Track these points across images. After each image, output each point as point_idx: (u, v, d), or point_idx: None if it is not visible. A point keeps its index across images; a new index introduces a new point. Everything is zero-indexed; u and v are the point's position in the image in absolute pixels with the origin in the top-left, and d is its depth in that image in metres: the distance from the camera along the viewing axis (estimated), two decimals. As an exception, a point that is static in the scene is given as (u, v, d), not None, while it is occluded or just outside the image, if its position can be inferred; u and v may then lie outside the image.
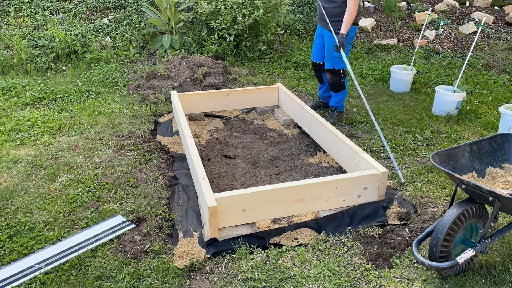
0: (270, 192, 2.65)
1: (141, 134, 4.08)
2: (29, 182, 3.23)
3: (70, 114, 4.53)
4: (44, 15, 7.20)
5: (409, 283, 2.26)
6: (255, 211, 2.65)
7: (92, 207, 2.92)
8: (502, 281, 2.23)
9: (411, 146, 3.82)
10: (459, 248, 2.27)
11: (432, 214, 2.83)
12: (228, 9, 6.08)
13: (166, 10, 6.68)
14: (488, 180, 2.51)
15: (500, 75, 5.73)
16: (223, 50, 6.43)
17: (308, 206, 2.78)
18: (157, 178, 3.33)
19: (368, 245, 2.55)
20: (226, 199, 2.55)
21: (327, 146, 3.67)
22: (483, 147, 2.57)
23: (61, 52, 6.35)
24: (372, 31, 7.41)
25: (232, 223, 2.63)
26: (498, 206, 2.12)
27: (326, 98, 4.68)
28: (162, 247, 2.54)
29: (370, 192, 2.87)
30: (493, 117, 4.47)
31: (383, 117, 4.48)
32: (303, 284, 2.25)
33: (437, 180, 3.25)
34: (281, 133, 4.24)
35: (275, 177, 3.36)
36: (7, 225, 2.72)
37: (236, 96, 4.65)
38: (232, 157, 3.71)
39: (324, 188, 2.76)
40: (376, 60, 6.53)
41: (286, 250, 2.51)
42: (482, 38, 6.72)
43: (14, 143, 3.86)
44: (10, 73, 5.89)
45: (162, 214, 2.87)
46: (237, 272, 2.34)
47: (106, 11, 7.66)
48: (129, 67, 6.28)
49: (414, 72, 5.36)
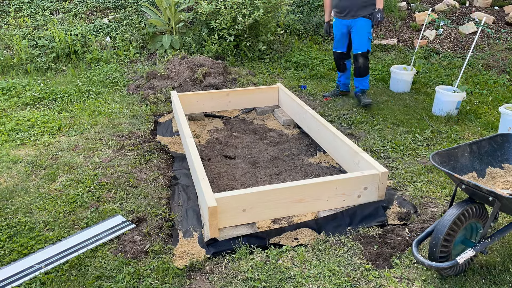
0: (270, 192, 2.65)
1: (141, 134, 4.08)
2: (29, 182, 3.23)
3: (70, 114, 4.54)
4: (44, 15, 7.20)
5: (409, 283, 2.26)
6: (256, 211, 2.66)
7: (92, 207, 2.92)
8: (502, 281, 2.23)
9: (411, 146, 3.82)
10: (459, 248, 2.27)
11: (432, 214, 2.83)
12: (228, 9, 6.08)
13: (166, 10, 6.68)
14: (488, 180, 2.51)
15: (500, 75, 5.74)
16: (223, 50, 6.43)
17: (308, 206, 2.78)
18: (157, 178, 3.33)
19: (368, 245, 2.55)
20: (226, 199, 2.55)
21: (327, 146, 3.67)
22: (483, 147, 2.57)
23: (61, 52, 6.35)
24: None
25: (233, 223, 2.63)
26: (498, 206, 2.12)
27: (346, 86, 5.17)
28: (162, 247, 2.54)
29: (370, 192, 2.88)
30: (493, 117, 4.47)
31: (383, 117, 4.48)
32: (303, 284, 2.25)
33: (437, 180, 3.25)
34: (281, 133, 4.24)
35: (275, 177, 3.36)
36: (7, 225, 2.72)
37: (236, 96, 4.65)
38: (232, 157, 3.71)
39: (324, 188, 2.76)
40: (376, 60, 6.53)
41: (286, 250, 2.51)
42: (482, 38, 6.72)
43: (14, 143, 3.86)
44: (10, 73, 5.89)
45: (162, 214, 2.87)
46: (237, 272, 2.34)
47: (106, 11, 7.66)
48: (129, 67, 6.29)
49: (414, 72, 5.36)
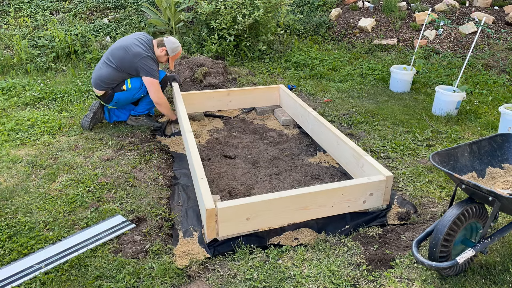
0: (274, 200, 2.57)
1: (141, 134, 4.08)
2: (29, 182, 3.23)
3: (70, 114, 4.53)
4: (44, 15, 7.20)
5: (409, 283, 2.26)
6: (260, 220, 2.57)
7: (92, 207, 2.92)
8: (502, 281, 2.23)
9: (411, 146, 3.82)
10: (459, 248, 2.27)
11: (432, 214, 2.83)
12: (228, 9, 6.08)
13: (166, 10, 6.68)
14: (488, 180, 2.51)
15: (500, 75, 5.74)
16: (223, 50, 6.43)
17: (312, 213, 2.71)
18: (157, 178, 3.33)
19: (368, 245, 2.55)
20: (231, 208, 2.46)
21: (330, 148, 3.64)
22: (483, 147, 2.57)
23: (61, 52, 6.35)
24: (372, 31, 7.41)
25: (236, 231, 2.55)
26: (498, 206, 2.12)
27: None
28: (162, 247, 2.54)
29: (376, 198, 2.83)
30: (493, 117, 4.47)
31: (383, 117, 4.48)
32: (303, 284, 2.25)
33: (437, 180, 3.25)
34: (281, 133, 4.24)
35: (275, 177, 3.36)
36: (7, 225, 2.72)
37: (237, 96, 4.65)
38: (232, 157, 3.71)
39: (330, 196, 2.69)
40: (376, 60, 6.53)
41: (286, 250, 2.51)
42: (482, 38, 6.72)
43: (14, 143, 3.86)
44: (10, 73, 5.88)
45: (162, 214, 2.87)
46: (237, 272, 2.34)
47: (106, 11, 7.66)
48: (129, 67, 6.28)
49: (414, 72, 5.36)
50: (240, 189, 3.16)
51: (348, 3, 8.22)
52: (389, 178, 2.81)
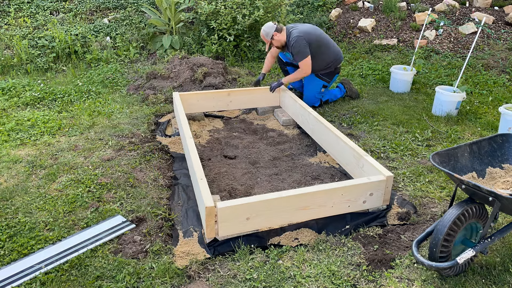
0: (274, 200, 2.57)
1: (141, 134, 4.08)
2: (29, 182, 3.23)
3: (70, 114, 4.54)
4: (44, 15, 7.20)
5: (409, 283, 2.26)
6: (259, 219, 2.58)
7: (92, 207, 2.92)
8: (502, 281, 2.23)
9: (411, 146, 3.82)
10: (459, 248, 2.27)
11: (432, 214, 2.83)
12: (228, 9, 6.08)
13: (166, 10, 6.68)
14: (488, 180, 2.51)
15: (500, 75, 5.73)
16: (223, 50, 6.43)
17: (312, 213, 2.71)
18: (157, 178, 3.33)
19: (368, 245, 2.55)
20: (230, 208, 2.47)
21: (330, 148, 3.65)
22: (483, 147, 2.57)
23: (61, 52, 6.35)
24: (372, 31, 7.41)
25: (236, 231, 2.55)
26: (498, 206, 2.12)
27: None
28: (162, 247, 2.54)
29: (376, 198, 2.83)
30: (493, 117, 4.47)
31: (383, 117, 4.48)
32: (303, 284, 2.25)
33: (437, 180, 3.25)
34: (281, 133, 4.24)
35: (275, 177, 3.36)
36: (7, 225, 2.72)
37: (238, 96, 4.65)
38: (232, 157, 3.71)
39: (330, 196, 2.69)
40: (376, 60, 6.53)
41: (286, 250, 2.51)
42: (482, 38, 6.72)
43: (14, 143, 3.86)
44: (10, 73, 5.89)
45: (162, 214, 2.87)
46: (237, 272, 2.34)
47: (106, 11, 7.66)
48: (129, 67, 6.28)
49: (414, 72, 5.36)
50: (240, 189, 3.16)
51: (348, 4, 8.22)
52: (389, 178, 2.81)
